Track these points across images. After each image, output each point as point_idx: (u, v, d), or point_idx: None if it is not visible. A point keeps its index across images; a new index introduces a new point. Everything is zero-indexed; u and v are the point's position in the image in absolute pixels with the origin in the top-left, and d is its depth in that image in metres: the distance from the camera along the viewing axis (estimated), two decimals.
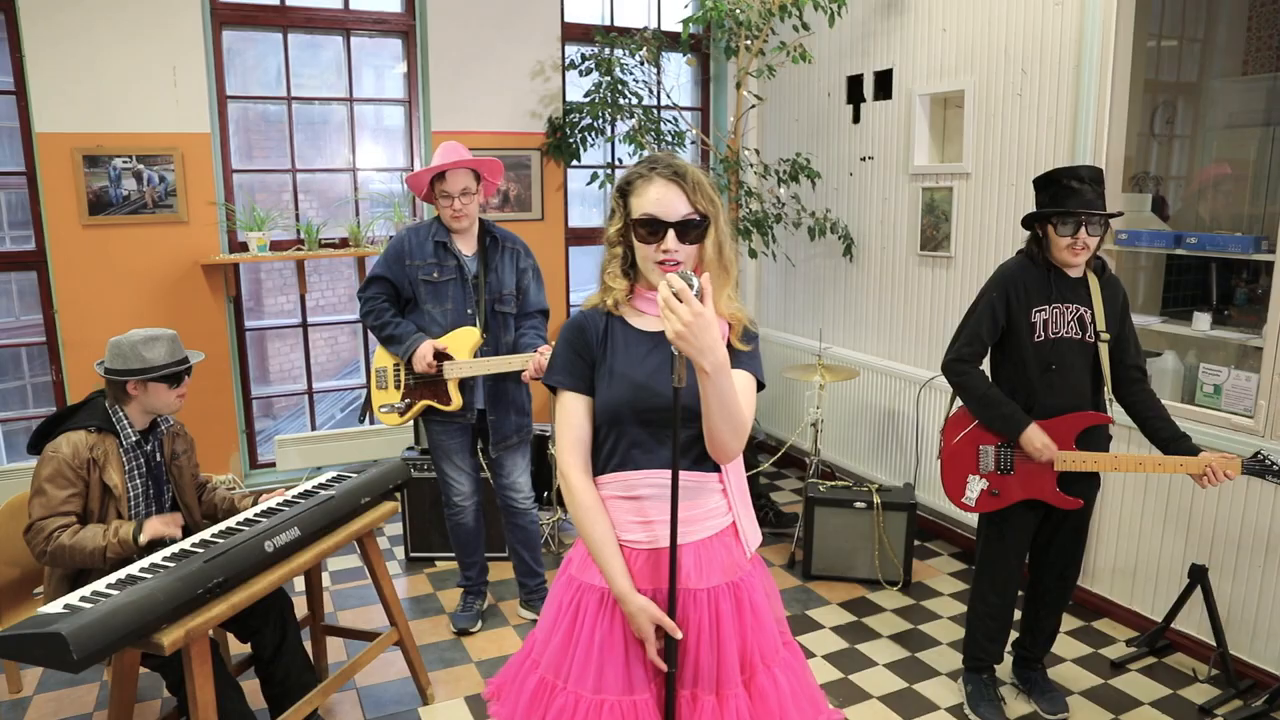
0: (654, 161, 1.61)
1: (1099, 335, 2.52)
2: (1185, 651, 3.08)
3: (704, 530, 1.65)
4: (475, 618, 3.28)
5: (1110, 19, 3.13)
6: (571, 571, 1.71)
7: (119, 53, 3.87)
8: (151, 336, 2.41)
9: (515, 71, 4.58)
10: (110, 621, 1.85)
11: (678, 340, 1.39)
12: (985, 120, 3.65)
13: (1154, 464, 2.47)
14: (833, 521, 3.61)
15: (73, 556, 2.24)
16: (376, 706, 2.83)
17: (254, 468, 4.50)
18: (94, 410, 2.40)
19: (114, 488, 2.36)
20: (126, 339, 2.40)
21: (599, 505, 1.64)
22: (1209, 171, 4.30)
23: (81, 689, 2.92)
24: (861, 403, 4.37)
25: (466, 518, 3.21)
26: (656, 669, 1.62)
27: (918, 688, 2.93)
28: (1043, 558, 2.74)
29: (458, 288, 3.03)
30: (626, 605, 1.59)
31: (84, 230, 3.93)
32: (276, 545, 2.27)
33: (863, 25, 4.23)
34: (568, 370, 1.66)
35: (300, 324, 4.59)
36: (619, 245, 1.64)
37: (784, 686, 1.68)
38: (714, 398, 1.47)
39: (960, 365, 2.61)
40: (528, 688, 1.69)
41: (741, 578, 1.67)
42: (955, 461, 2.69)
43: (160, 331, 2.44)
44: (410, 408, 3.07)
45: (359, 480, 2.65)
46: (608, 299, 1.67)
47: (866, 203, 4.33)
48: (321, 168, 4.64)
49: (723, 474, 1.67)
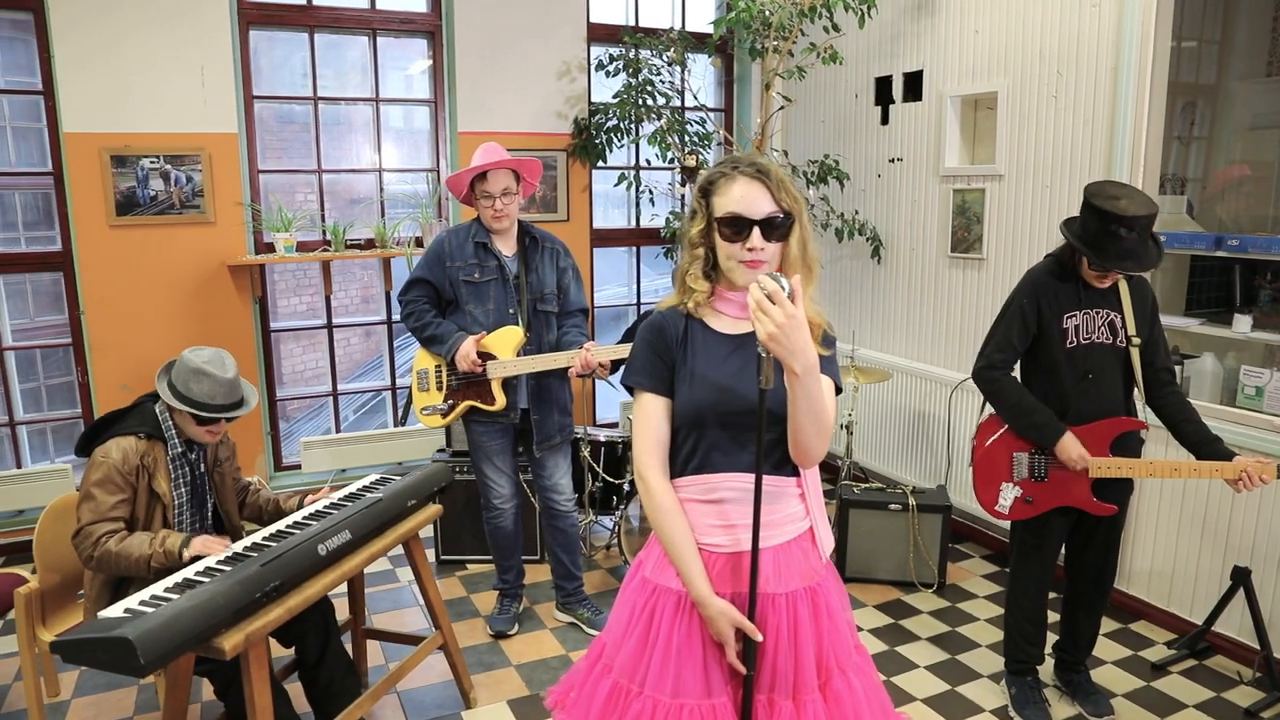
0: (736, 160, 1.60)
1: (1130, 340, 2.50)
2: (1225, 654, 3.08)
3: (783, 535, 1.64)
4: (512, 621, 3.27)
5: (1150, 21, 3.13)
6: (645, 574, 1.70)
7: (147, 53, 3.85)
8: (205, 373, 2.34)
9: (541, 72, 4.56)
10: (174, 626, 1.83)
11: (770, 342, 1.38)
12: (1019, 122, 3.64)
13: (1189, 470, 2.44)
14: (867, 524, 3.60)
15: (118, 563, 2.22)
16: (419, 711, 2.82)
17: (278, 469, 4.48)
18: (144, 415, 2.38)
19: (162, 495, 2.34)
20: (189, 361, 2.35)
21: (678, 508, 1.63)
22: (1229, 172, 4.30)
23: (120, 693, 2.89)
24: (892, 405, 4.36)
25: (506, 521, 3.19)
26: (733, 673, 1.61)
27: (960, 690, 2.93)
28: (1078, 562, 2.73)
29: (499, 288, 3.01)
30: (706, 609, 1.58)
31: (111, 231, 3.91)
32: (329, 548, 2.25)
33: (891, 27, 4.23)
34: (647, 371, 1.65)
35: (325, 325, 4.57)
36: (701, 246, 1.62)
37: (858, 691, 1.67)
38: (803, 400, 1.46)
39: (992, 373, 2.58)
40: (600, 693, 1.68)
41: (818, 582, 1.66)
42: (988, 469, 2.66)
43: (220, 370, 2.36)
44: (453, 409, 3.05)
45: (405, 482, 2.63)
46: (688, 300, 1.65)
47: (895, 204, 4.32)
48: (347, 168, 4.61)
49: (800, 479, 1.66)
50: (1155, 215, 2.35)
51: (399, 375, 4.89)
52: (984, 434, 2.68)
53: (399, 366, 7.88)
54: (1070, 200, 3.47)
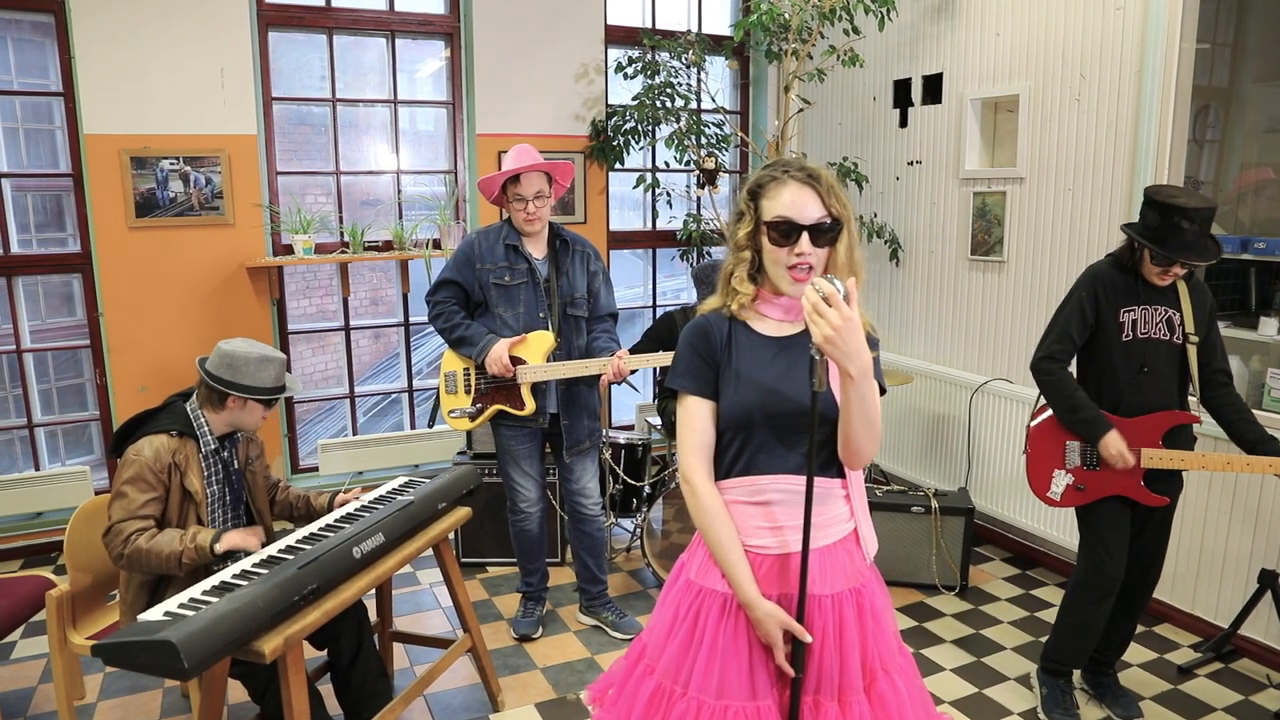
0: (785, 164, 1.60)
1: (1188, 337, 2.53)
2: (1253, 657, 3.07)
3: (829, 536, 1.64)
4: (536, 624, 3.26)
5: (1175, 24, 3.14)
6: (690, 576, 1.70)
7: (167, 54, 3.85)
8: (266, 358, 2.40)
9: (559, 74, 4.57)
10: (215, 629, 1.83)
11: (826, 345, 1.38)
12: (1041, 125, 3.64)
13: (1242, 464, 2.47)
14: (889, 526, 3.59)
15: (148, 560, 2.22)
16: (447, 714, 2.81)
17: (295, 472, 4.47)
18: (175, 414, 2.38)
19: (195, 493, 2.34)
20: (243, 352, 2.37)
21: (725, 511, 1.62)
22: (1251, 176, 4.29)
23: (146, 695, 2.89)
24: (911, 407, 4.36)
25: (531, 525, 3.18)
26: (778, 675, 1.61)
27: (987, 693, 2.92)
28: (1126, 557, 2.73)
29: (529, 291, 3.00)
30: (754, 611, 1.57)
31: (131, 232, 3.91)
32: (364, 551, 2.25)
33: (910, 29, 4.23)
34: (692, 374, 1.65)
35: (343, 327, 4.56)
36: (748, 249, 1.62)
37: (903, 693, 1.67)
38: (856, 402, 1.46)
39: (1049, 364, 2.62)
40: (643, 694, 1.67)
41: (863, 584, 1.66)
42: (1041, 456, 2.69)
43: (274, 353, 2.43)
44: (481, 413, 3.05)
45: (435, 485, 2.63)
46: (733, 303, 1.65)
47: (914, 207, 4.32)
48: (365, 170, 4.61)
49: (846, 480, 1.66)
50: (1215, 210, 2.41)
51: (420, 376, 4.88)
52: (1036, 420, 2.72)
53: (412, 368, 7.90)
54: (1093, 203, 3.47)
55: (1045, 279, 3.68)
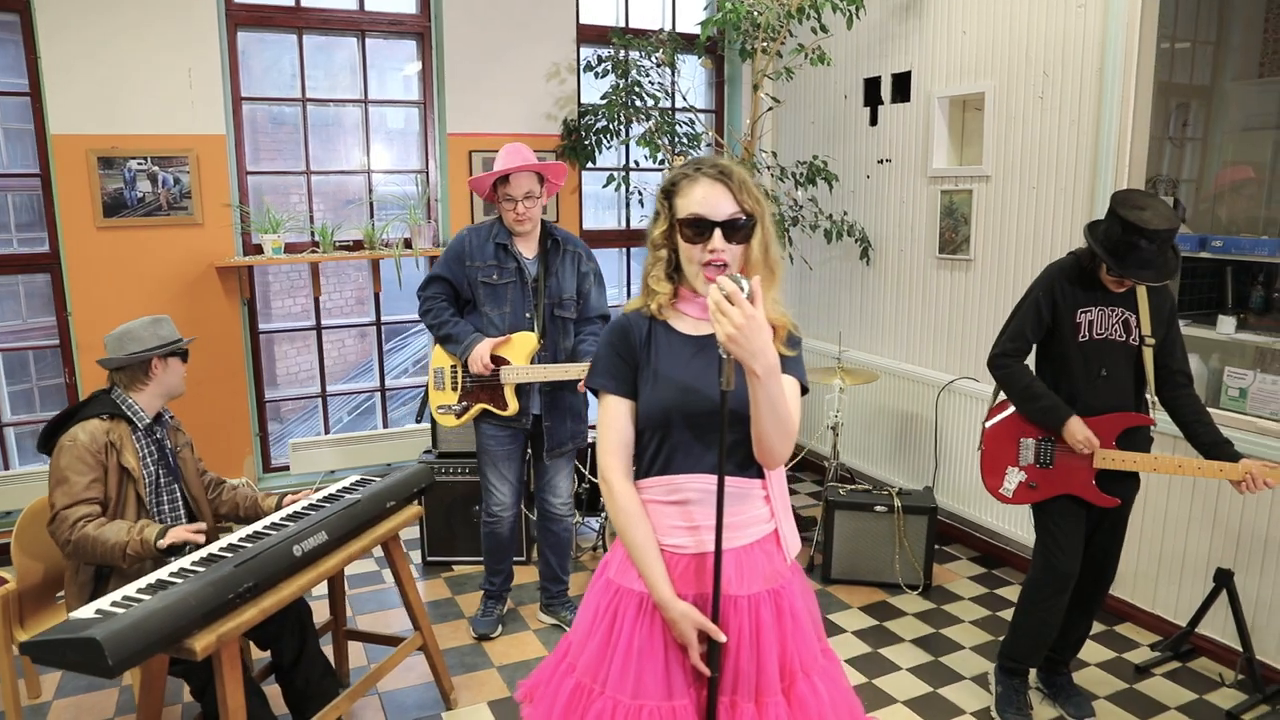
0: (699, 162, 1.60)
1: (1144, 339, 2.52)
2: (1210, 656, 3.07)
3: (747, 536, 1.64)
4: (495, 623, 3.26)
5: (1135, 22, 3.13)
6: (609, 575, 1.70)
7: (134, 54, 3.85)
8: (154, 319, 2.47)
9: (531, 73, 4.56)
10: (144, 626, 1.83)
11: (729, 344, 1.38)
12: (1006, 123, 3.64)
13: (1194, 467, 2.46)
14: (852, 525, 3.59)
15: (94, 549, 2.21)
16: (399, 712, 2.81)
17: (267, 471, 4.48)
18: (103, 402, 2.40)
19: (131, 470, 2.34)
20: (132, 325, 2.43)
21: (641, 510, 1.62)
22: (1229, 174, 4.28)
23: (101, 694, 2.90)
24: (879, 406, 4.35)
25: (503, 528, 3.16)
26: (695, 675, 1.61)
27: (942, 692, 2.92)
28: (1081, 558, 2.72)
29: (517, 290, 2.99)
30: (668, 612, 1.57)
31: (99, 232, 3.91)
32: (305, 550, 2.25)
33: (880, 28, 4.22)
34: (611, 374, 1.65)
35: (314, 327, 4.57)
36: (664, 248, 1.62)
37: (824, 695, 1.66)
38: (764, 401, 1.46)
39: (1004, 360, 2.63)
40: (564, 692, 1.67)
41: (782, 585, 1.66)
42: (995, 452, 2.70)
43: (158, 316, 2.50)
44: (466, 410, 3.04)
45: (384, 484, 2.63)
46: (652, 303, 1.65)
47: (884, 205, 4.32)
48: (336, 170, 4.62)
49: (766, 480, 1.66)
50: (1177, 229, 2.36)
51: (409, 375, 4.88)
52: (993, 419, 2.72)
53: (394, 369, 7.90)
54: (1057, 202, 3.46)
55: (1010, 277, 3.67)
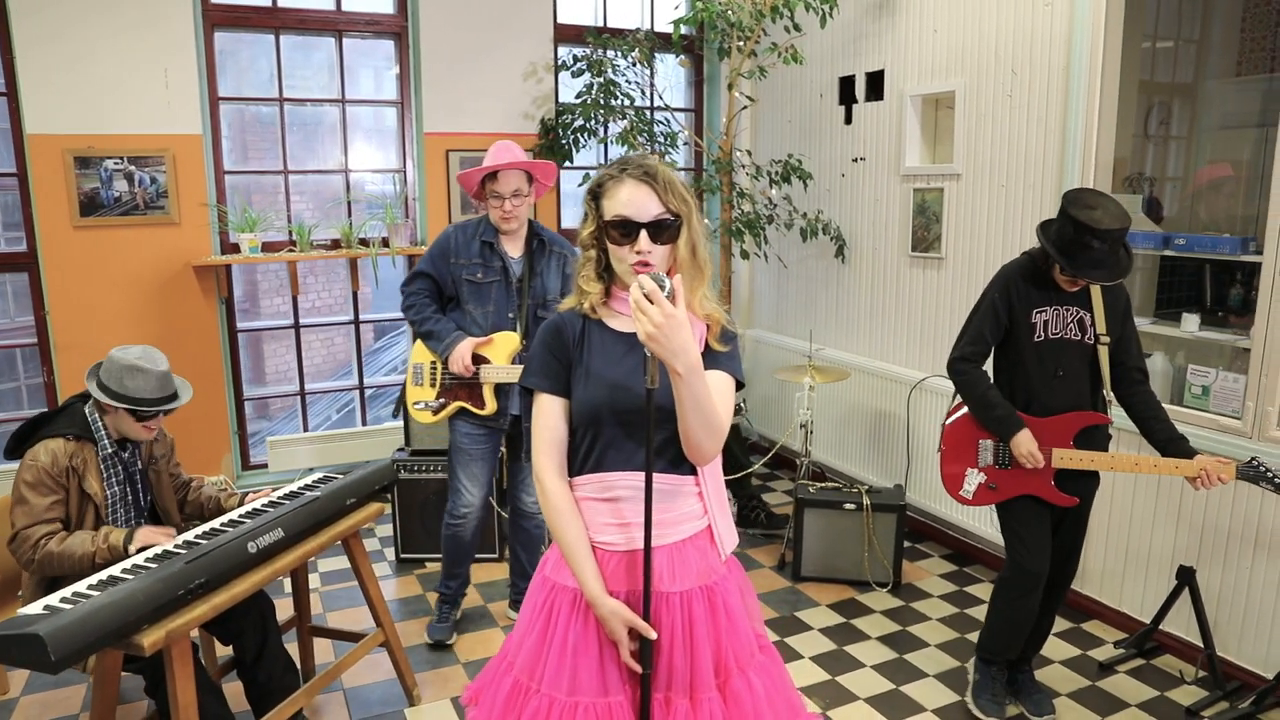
0: (625, 163, 1.61)
1: (1099, 338, 2.53)
2: (1174, 653, 3.07)
3: (678, 533, 1.65)
4: (451, 629, 3.23)
5: (1099, 20, 3.13)
6: (546, 573, 1.71)
7: (110, 54, 3.88)
8: (139, 368, 2.36)
9: (508, 73, 4.58)
10: (89, 622, 1.85)
11: (649, 342, 1.40)
12: (976, 121, 3.64)
13: (1150, 465, 2.48)
14: (822, 523, 3.61)
15: (62, 563, 2.24)
16: (363, 708, 2.83)
17: (246, 469, 4.50)
18: (73, 416, 2.39)
19: (94, 495, 2.35)
20: (120, 359, 2.36)
21: (573, 508, 1.64)
22: (1208, 173, 4.28)
23: (68, 690, 2.92)
24: (853, 404, 4.36)
25: (465, 531, 3.15)
26: (630, 671, 1.62)
27: (905, 689, 2.93)
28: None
29: (501, 290, 2.99)
30: (598, 609, 1.59)
31: (75, 231, 3.93)
32: (260, 546, 2.27)
33: (854, 26, 4.23)
34: (544, 372, 1.66)
35: (293, 325, 4.59)
36: (593, 248, 1.64)
37: (759, 690, 1.67)
38: (688, 399, 1.47)
39: (963, 364, 2.64)
40: (503, 690, 1.69)
41: (716, 581, 1.67)
42: (954, 455, 2.71)
43: (152, 365, 2.39)
44: (444, 407, 3.04)
45: (344, 481, 2.65)
46: (583, 302, 1.66)
47: (858, 204, 4.32)
48: (313, 169, 4.64)
49: (699, 477, 1.67)
50: (1128, 228, 2.39)
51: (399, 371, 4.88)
52: (951, 418, 2.73)
53: (385, 366, 7.92)
54: (1026, 200, 3.47)
55: (980, 275, 3.67)
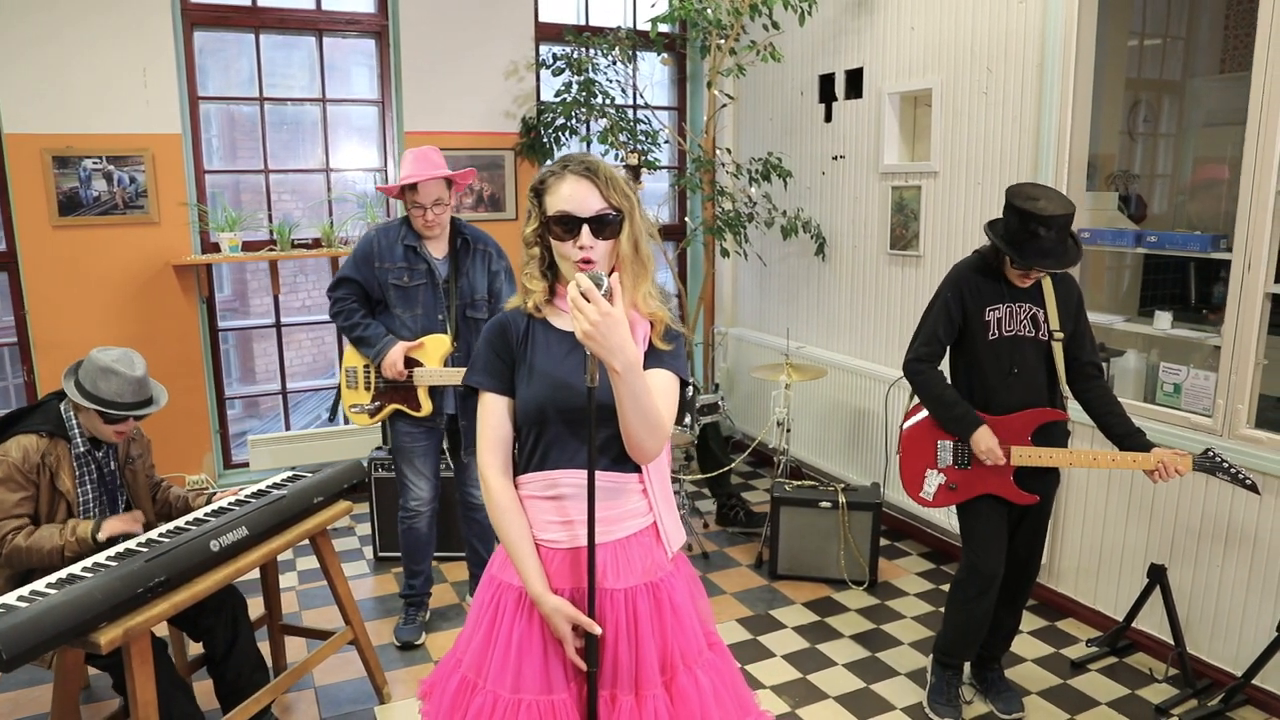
0: (567, 160, 1.61)
1: (1052, 334, 2.53)
2: (1146, 651, 3.07)
3: (622, 530, 1.65)
4: (419, 630, 3.24)
5: (1073, 17, 3.12)
6: (493, 571, 1.72)
7: (88, 53, 3.88)
8: (114, 371, 2.36)
9: (489, 71, 4.58)
10: (43, 620, 1.86)
11: (586, 340, 1.40)
12: (953, 119, 3.64)
13: (1108, 460, 2.48)
14: (798, 521, 3.61)
15: (29, 557, 2.25)
16: (333, 705, 2.84)
17: (227, 468, 4.51)
18: (48, 413, 2.40)
19: (65, 492, 2.36)
20: (98, 360, 2.37)
21: (516, 507, 1.64)
22: (1206, 172, 4.28)
23: (39, 689, 2.93)
24: (832, 402, 4.36)
25: (420, 524, 3.18)
26: (576, 669, 1.62)
27: (875, 688, 2.93)
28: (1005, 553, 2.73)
29: (428, 292, 3.00)
30: (542, 606, 1.59)
31: (54, 231, 3.94)
32: (223, 544, 2.27)
33: (834, 24, 4.22)
34: (488, 371, 1.66)
35: (274, 324, 4.59)
36: (536, 246, 1.64)
37: (707, 688, 1.67)
38: (627, 397, 1.47)
39: (918, 365, 2.63)
40: (450, 687, 1.69)
41: (661, 578, 1.67)
42: (913, 456, 2.70)
43: (128, 369, 2.38)
44: (380, 410, 3.06)
45: (312, 480, 2.65)
46: (527, 301, 1.67)
47: (838, 202, 4.32)
48: (294, 168, 4.64)
49: (644, 474, 1.67)
50: (1073, 215, 2.41)
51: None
52: (909, 420, 2.73)
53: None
54: (1001, 198, 3.43)
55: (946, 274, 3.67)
